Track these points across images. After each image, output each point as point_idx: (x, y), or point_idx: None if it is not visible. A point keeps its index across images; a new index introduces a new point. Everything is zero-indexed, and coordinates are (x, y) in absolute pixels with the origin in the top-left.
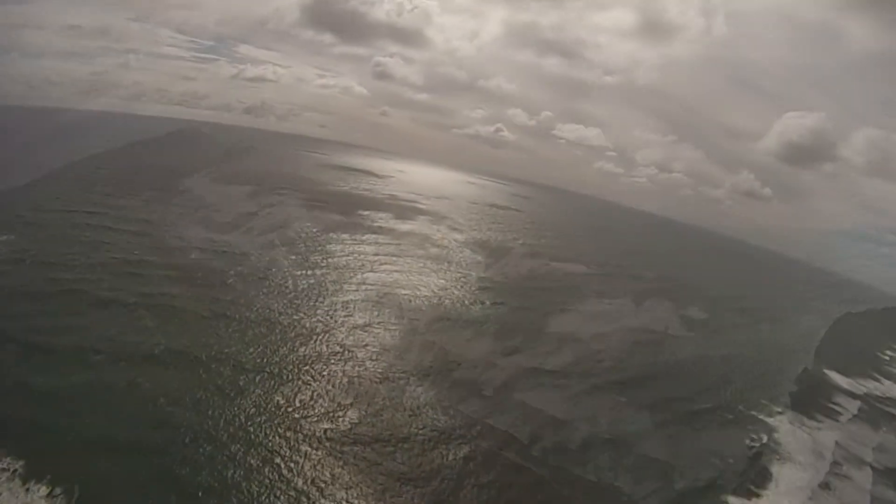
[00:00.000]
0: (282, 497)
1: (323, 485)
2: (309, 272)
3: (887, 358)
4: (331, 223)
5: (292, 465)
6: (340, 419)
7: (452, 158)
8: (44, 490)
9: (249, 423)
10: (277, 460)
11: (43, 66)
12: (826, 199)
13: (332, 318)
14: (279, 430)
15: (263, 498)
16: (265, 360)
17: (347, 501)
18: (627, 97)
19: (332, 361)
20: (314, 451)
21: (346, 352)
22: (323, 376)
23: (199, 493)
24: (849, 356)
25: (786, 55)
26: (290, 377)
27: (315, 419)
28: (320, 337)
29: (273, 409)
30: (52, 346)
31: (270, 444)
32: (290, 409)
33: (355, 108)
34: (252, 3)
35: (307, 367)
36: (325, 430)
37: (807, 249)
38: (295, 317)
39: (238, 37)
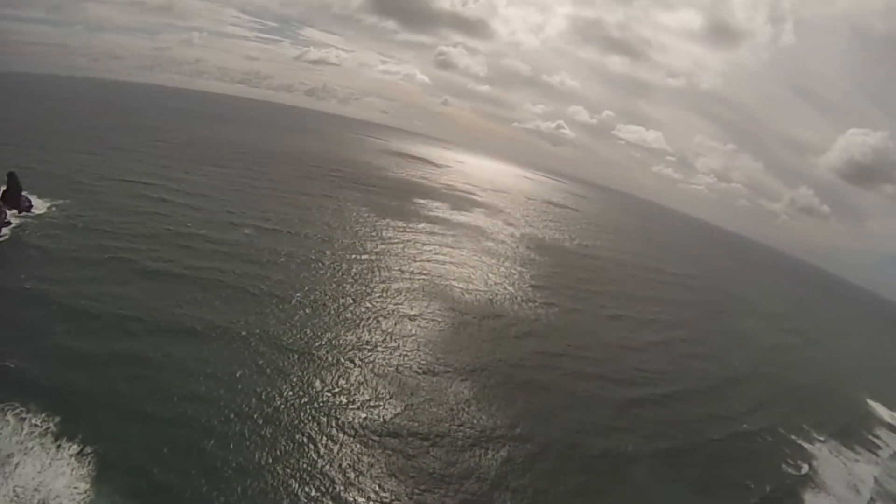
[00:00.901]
0: (311, 484)
1: (354, 476)
2: (362, 257)
3: None
4: (387, 209)
5: (326, 452)
6: (379, 410)
7: (511, 152)
8: (74, 449)
9: (286, 406)
10: (311, 446)
11: (106, 40)
12: (885, 221)
13: (381, 305)
14: (316, 415)
15: (293, 483)
16: (309, 343)
17: (378, 494)
18: (690, 101)
19: (378, 350)
20: (349, 440)
21: (393, 341)
22: (366, 364)
23: (227, 472)
24: (895, 388)
25: (852, 69)
26: (333, 362)
27: (354, 407)
28: (368, 324)
29: (312, 393)
30: (95, 312)
31: (305, 429)
32: (329, 396)
33: (416, 96)
34: None
35: (351, 354)
36: (363, 420)
37: (861, 271)
38: (343, 301)
39: (302, 19)
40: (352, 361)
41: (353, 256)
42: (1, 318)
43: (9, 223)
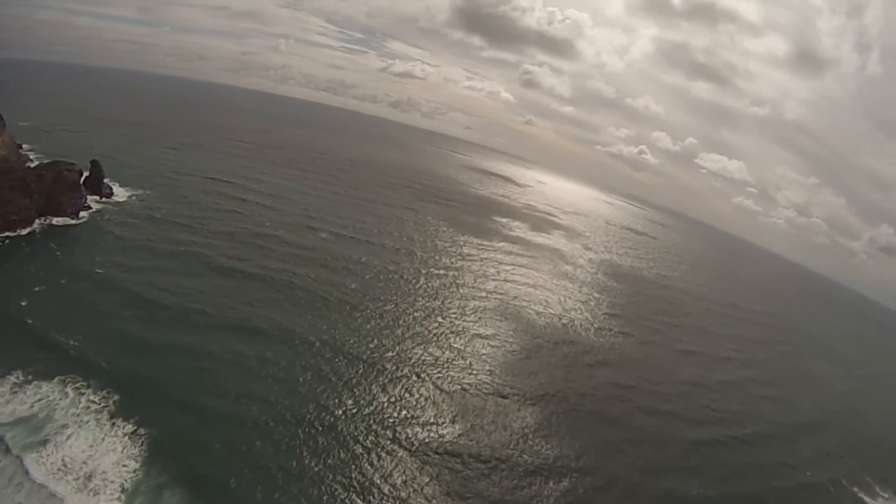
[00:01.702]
0: (362, 497)
1: (407, 493)
2: (440, 272)
3: None
4: (467, 225)
5: (381, 466)
6: (441, 428)
7: (592, 175)
8: (128, 429)
9: (345, 415)
10: (366, 458)
11: (193, 41)
12: None
13: (455, 322)
14: (376, 427)
15: (341, 492)
16: (377, 354)
17: None
18: (774, 131)
19: (446, 367)
20: (407, 456)
21: (463, 359)
22: (433, 381)
23: (276, 473)
24: None
25: None
26: (400, 376)
27: (415, 423)
28: (439, 340)
29: (374, 405)
30: (163, 302)
31: (363, 440)
32: (391, 409)
33: (500, 114)
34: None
35: (419, 369)
36: (424, 437)
37: None
38: (417, 315)
39: (388, 32)
40: (418, 376)
41: (430, 270)
42: (71, 298)
43: (89, 207)
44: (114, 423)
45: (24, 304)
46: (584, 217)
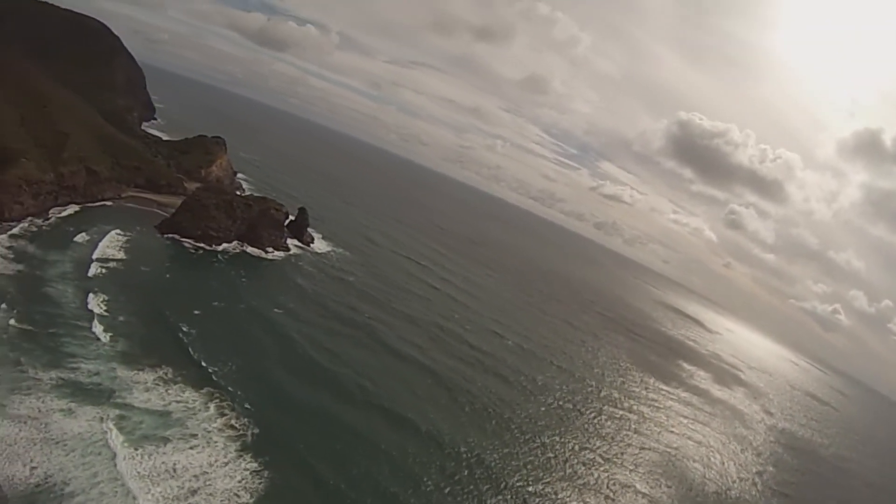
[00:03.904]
0: None
1: None
2: (616, 410)
3: None
4: (650, 365)
5: None
6: None
7: (781, 329)
8: (253, 466)
9: None
10: None
11: (416, 125)
12: None
13: (619, 472)
14: None
15: None
16: (528, 487)
17: None
18: None
19: None
20: None
21: None
22: None
23: None
24: None
25: None
26: None
27: None
28: (598, 487)
29: None
30: (326, 364)
31: None
32: None
33: (700, 252)
34: (621, 122)
35: None
36: None
37: None
38: (583, 456)
39: (602, 151)
40: None
41: (605, 408)
42: (242, 324)
43: (287, 249)
44: (241, 455)
45: (197, 312)
46: (769, 376)
